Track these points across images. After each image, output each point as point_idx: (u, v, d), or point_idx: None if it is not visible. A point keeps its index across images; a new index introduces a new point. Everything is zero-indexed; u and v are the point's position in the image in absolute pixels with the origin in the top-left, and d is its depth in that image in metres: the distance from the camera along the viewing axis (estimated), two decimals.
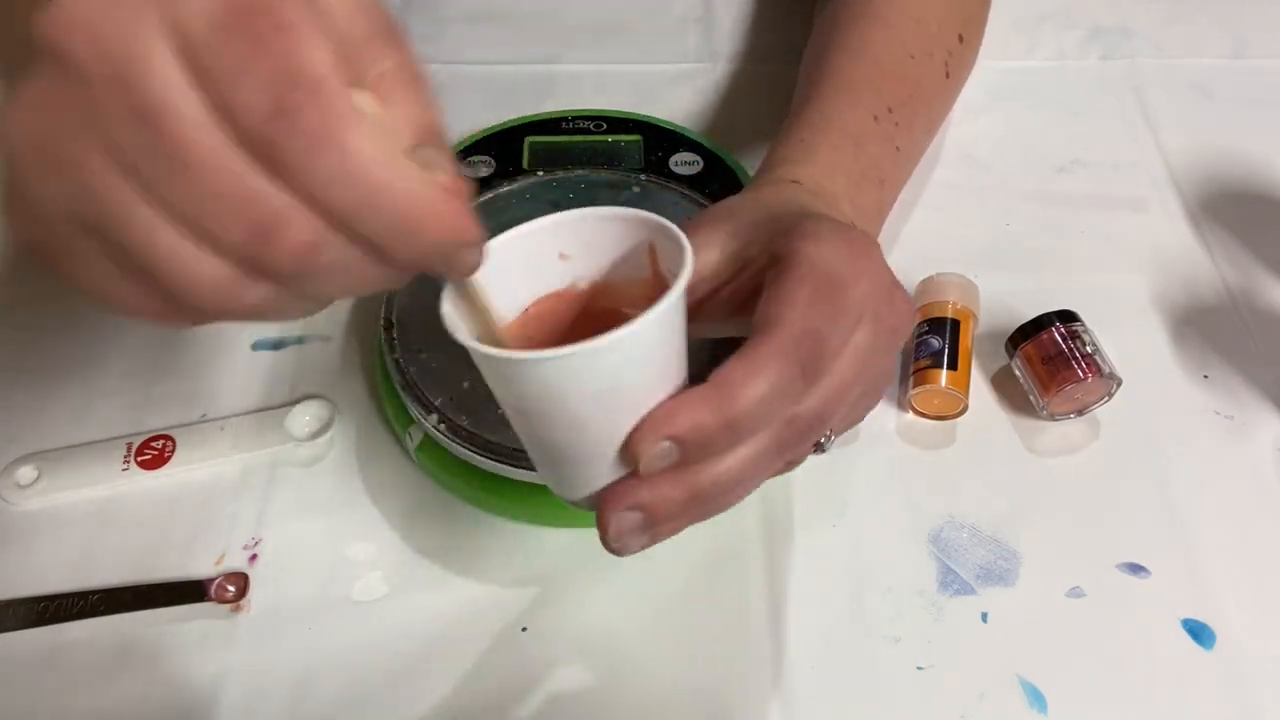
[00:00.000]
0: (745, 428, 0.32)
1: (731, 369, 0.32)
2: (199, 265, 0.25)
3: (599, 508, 0.33)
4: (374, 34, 0.26)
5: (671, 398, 0.32)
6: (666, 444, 0.31)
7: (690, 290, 0.34)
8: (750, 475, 0.34)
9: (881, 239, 0.58)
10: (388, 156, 0.25)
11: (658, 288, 0.35)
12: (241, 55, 0.24)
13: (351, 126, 0.24)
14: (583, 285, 0.36)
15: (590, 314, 0.37)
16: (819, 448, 0.42)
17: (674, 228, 0.33)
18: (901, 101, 0.51)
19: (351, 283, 0.27)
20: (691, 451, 0.32)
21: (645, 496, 0.32)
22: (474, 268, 0.29)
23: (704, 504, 0.33)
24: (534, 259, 0.35)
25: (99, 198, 0.25)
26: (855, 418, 0.39)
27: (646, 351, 0.31)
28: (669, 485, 0.33)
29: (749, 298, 0.36)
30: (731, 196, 0.43)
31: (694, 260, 0.32)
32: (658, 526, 0.33)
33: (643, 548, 0.34)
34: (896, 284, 0.37)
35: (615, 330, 0.29)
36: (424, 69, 0.27)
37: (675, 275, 0.32)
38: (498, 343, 0.33)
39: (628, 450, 0.32)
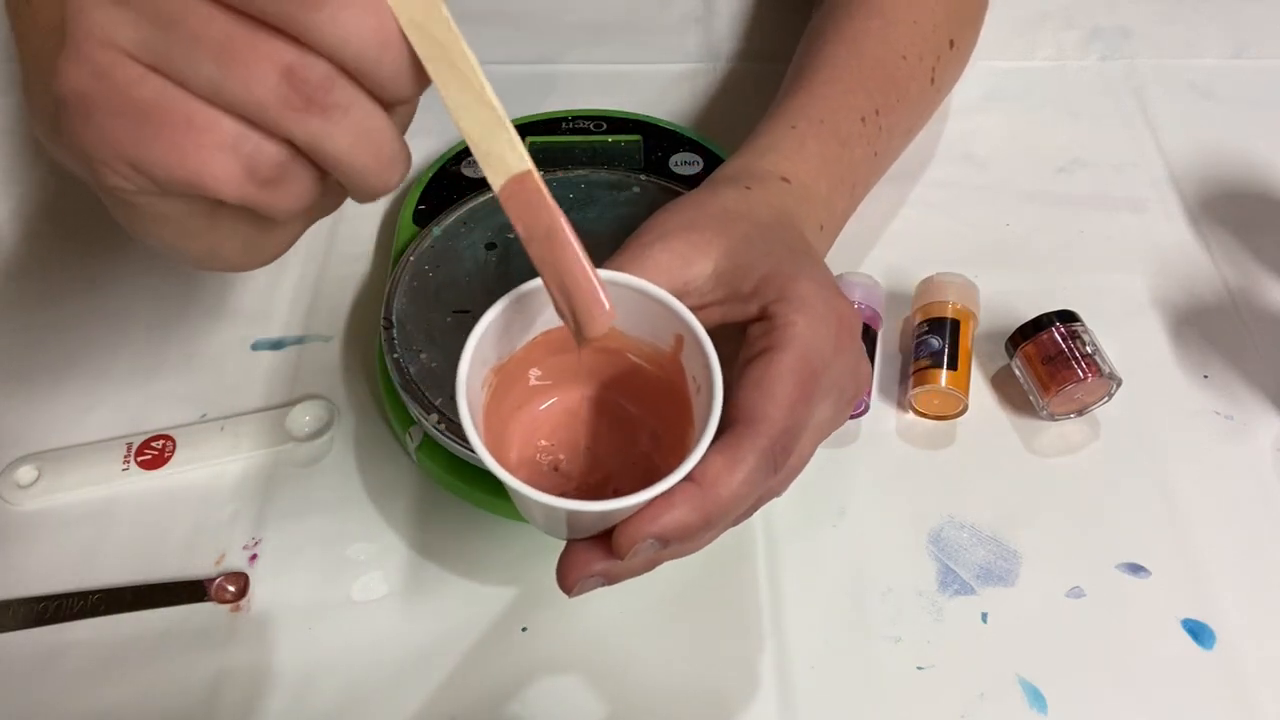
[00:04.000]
0: (722, 520, 0.34)
1: (716, 468, 0.33)
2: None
3: (564, 569, 0.35)
4: None
5: (657, 499, 0.32)
6: (650, 541, 0.32)
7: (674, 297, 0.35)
8: (707, 544, 0.36)
9: (881, 238, 0.58)
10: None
11: (674, 370, 0.36)
12: None
13: None
14: None
15: (598, 349, 0.37)
16: None
17: (709, 349, 0.33)
18: (888, 105, 0.52)
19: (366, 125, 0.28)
20: (671, 544, 0.33)
21: (609, 567, 0.34)
22: None
23: (661, 563, 0.36)
24: None
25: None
26: None
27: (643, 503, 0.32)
28: (637, 560, 0.34)
29: (731, 329, 0.38)
30: (726, 186, 0.43)
31: (717, 421, 0.32)
32: (615, 583, 0.36)
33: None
34: (862, 353, 0.39)
35: (619, 500, 0.31)
36: None
37: (698, 382, 0.34)
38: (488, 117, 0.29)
39: (613, 546, 0.33)
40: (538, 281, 0.33)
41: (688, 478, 0.32)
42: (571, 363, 0.37)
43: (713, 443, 0.33)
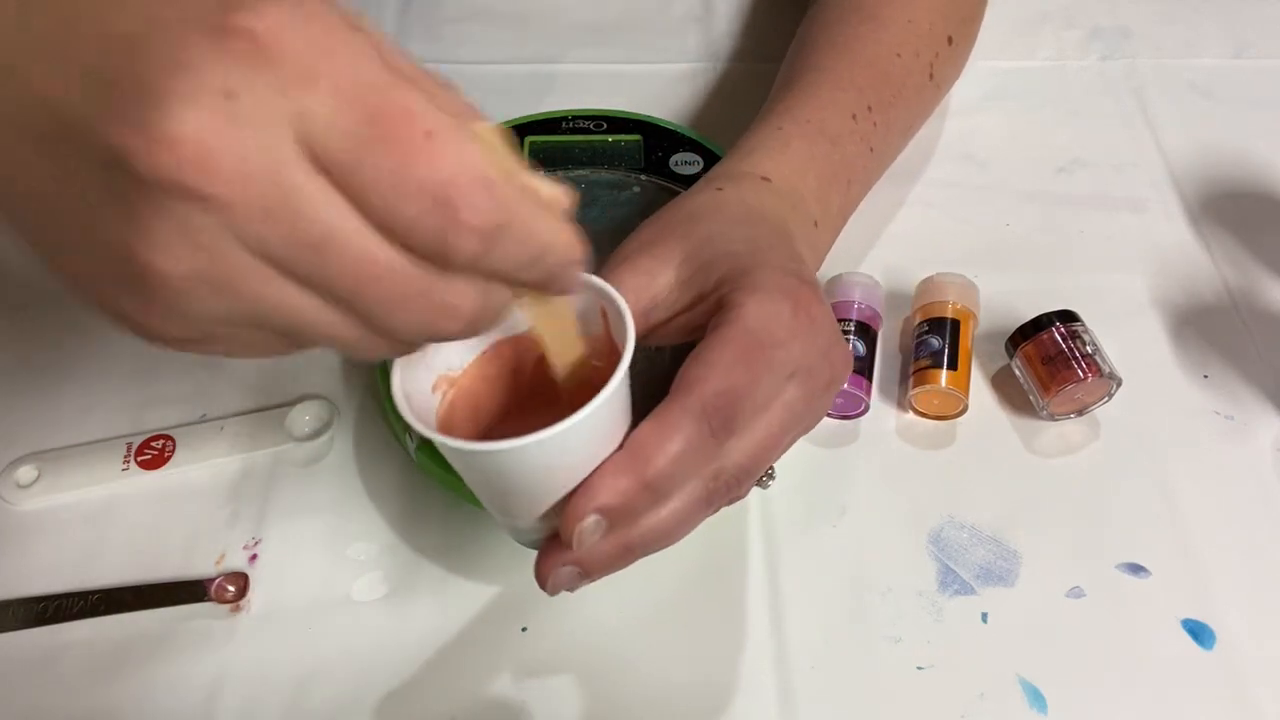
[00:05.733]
0: (666, 486, 0.33)
1: (644, 432, 0.33)
2: (371, 342, 0.27)
3: (537, 562, 0.35)
4: (458, 100, 0.27)
5: (593, 472, 0.33)
6: (594, 518, 0.33)
7: (644, 314, 0.36)
8: (683, 523, 0.35)
9: (881, 238, 0.58)
10: (549, 216, 0.28)
11: (608, 348, 0.36)
12: (395, 171, 0.24)
13: (522, 207, 0.26)
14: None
15: (537, 373, 0.38)
16: (761, 483, 0.45)
17: (623, 306, 0.34)
18: (883, 102, 0.51)
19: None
20: (619, 517, 0.33)
21: (579, 554, 0.34)
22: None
23: (638, 551, 0.35)
24: None
25: (275, 310, 0.25)
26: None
27: (580, 439, 0.32)
28: (603, 543, 0.34)
29: (700, 331, 0.37)
30: (700, 189, 0.44)
31: (632, 351, 0.33)
32: (592, 575, 0.35)
33: (578, 588, 0.36)
34: (836, 338, 0.38)
35: (542, 431, 0.31)
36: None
37: (621, 345, 0.33)
38: (577, 360, 0.35)
39: (562, 528, 0.33)
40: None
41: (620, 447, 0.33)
42: (522, 370, 0.38)
43: (647, 414, 0.33)
